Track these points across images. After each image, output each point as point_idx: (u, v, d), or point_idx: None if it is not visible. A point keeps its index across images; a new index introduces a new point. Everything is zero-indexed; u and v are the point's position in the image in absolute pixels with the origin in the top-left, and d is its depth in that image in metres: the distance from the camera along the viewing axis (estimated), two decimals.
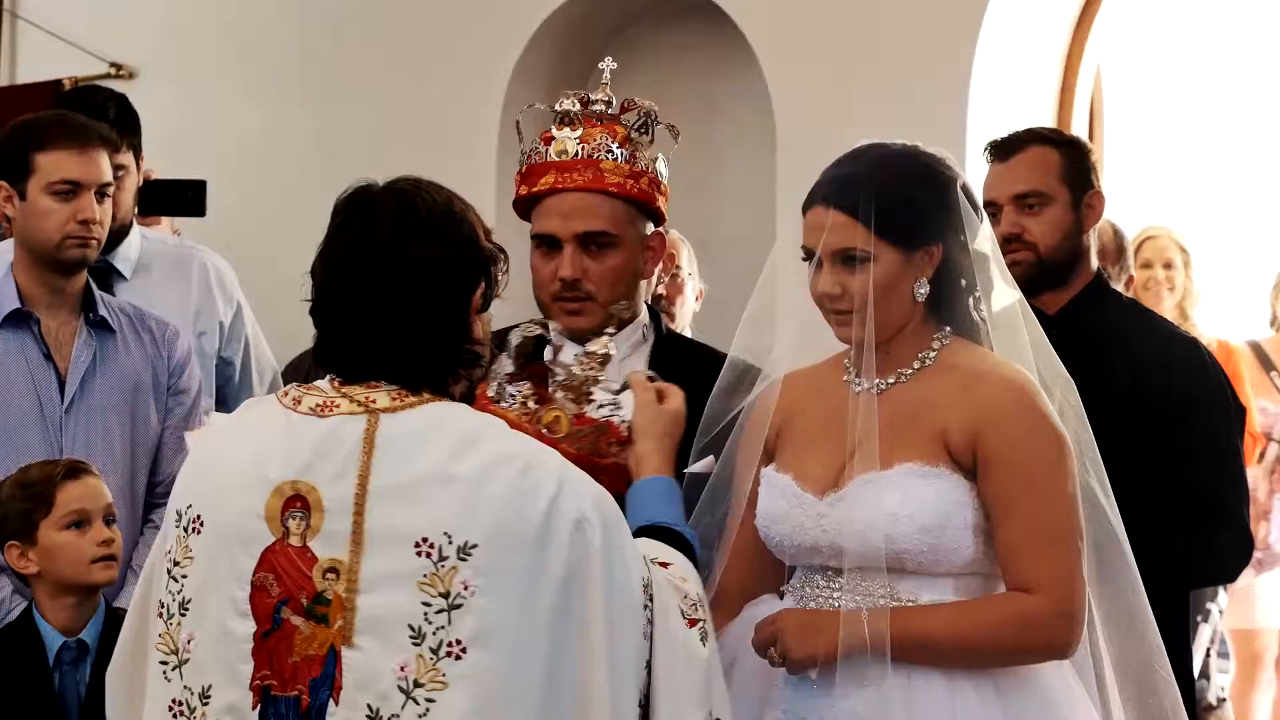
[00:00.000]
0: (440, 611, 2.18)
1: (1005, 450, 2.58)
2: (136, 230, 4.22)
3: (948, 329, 2.70)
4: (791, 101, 5.62)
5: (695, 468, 2.74)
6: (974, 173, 4.16)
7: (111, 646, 3.21)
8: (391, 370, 2.28)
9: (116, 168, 3.99)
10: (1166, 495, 3.35)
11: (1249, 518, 3.45)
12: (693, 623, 2.34)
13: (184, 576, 2.30)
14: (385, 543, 2.20)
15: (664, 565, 2.38)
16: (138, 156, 4.12)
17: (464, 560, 2.18)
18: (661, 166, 3.01)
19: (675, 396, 2.60)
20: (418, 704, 2.18)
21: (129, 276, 4.15)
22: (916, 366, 2.68)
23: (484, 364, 2.36)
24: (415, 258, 2.28)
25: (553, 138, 2.97)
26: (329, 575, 2.21)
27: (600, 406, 2.62)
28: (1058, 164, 3.51)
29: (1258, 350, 6.03)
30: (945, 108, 5.27)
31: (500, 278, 2.36)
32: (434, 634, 2.18)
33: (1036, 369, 2.72)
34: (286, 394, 2.32)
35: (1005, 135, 3.60)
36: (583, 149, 2.94)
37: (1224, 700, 5.73)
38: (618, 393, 2.63)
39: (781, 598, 2.70)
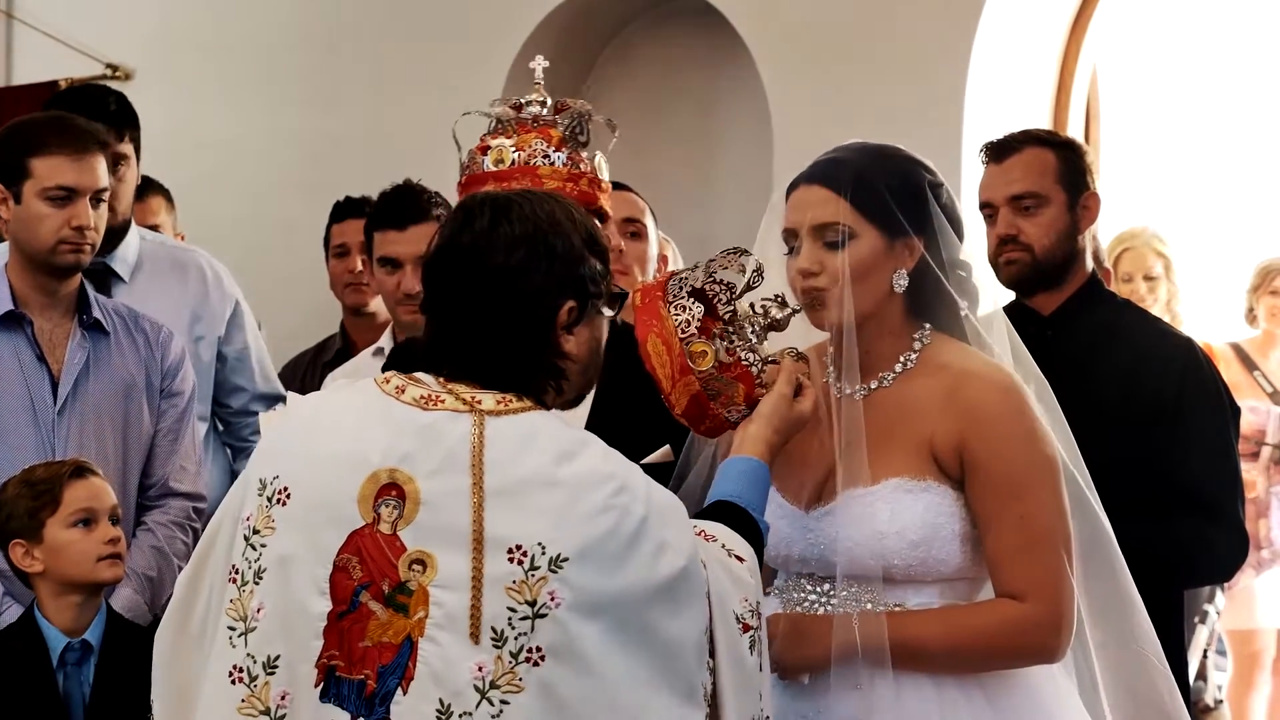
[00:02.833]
0: (525, 619, 2.19)
1: (992, 456, 2.58)
2: (135, 231, 4.22)
3: (927, 326, 2.69)
4: (787, 102, 5.62)
5: (651, 458, 2.74)
6: (970, 174, 4.16)
7: (114, 647, 3.26)
8: (481, 373, 2.31)
9: (117, 157, 4.00)
10: (1161, 495, 3.36)
11: (1244, 517, 3.45)
12: (746, 628, 2.35)
13: (263, 545, 2.30)
14: (480, 543, 2.22)
15: (739, 560, 2.39)
16: (137, 151, 4.12)
17: (554, 572, 2.19)
18: (601, 164, 3.00)
19: (807, 400, 2.59)
20: (492, 705, 2.19)
21: (127, 278, 4.14)
22: (898, 369, 2.67)
23: (568, 380, 2.36)
24: (496, 265, 2.30)
25: (488, 147, 2.96)
26: (415, 567, 2.22)
27: (743, 364, 2.61)
28: (1053, 165, 3.51)
29: (1239, 351, 6.04)
30: (941, 108, 5.27)
31: (599, 296, 2.37)
32: (515, 639, 2.19)
33: (1015, 360, 2.72)
34: (388, 381, 2.34)
35: (1001, 137, 3.60)
36: (519, 156, 2.93)
37: (1221, 701, 5.73)
38: (765, 363, 2.61)
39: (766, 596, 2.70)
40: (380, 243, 4.16)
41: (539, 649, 2.19)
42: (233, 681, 2.29)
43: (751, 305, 2.64)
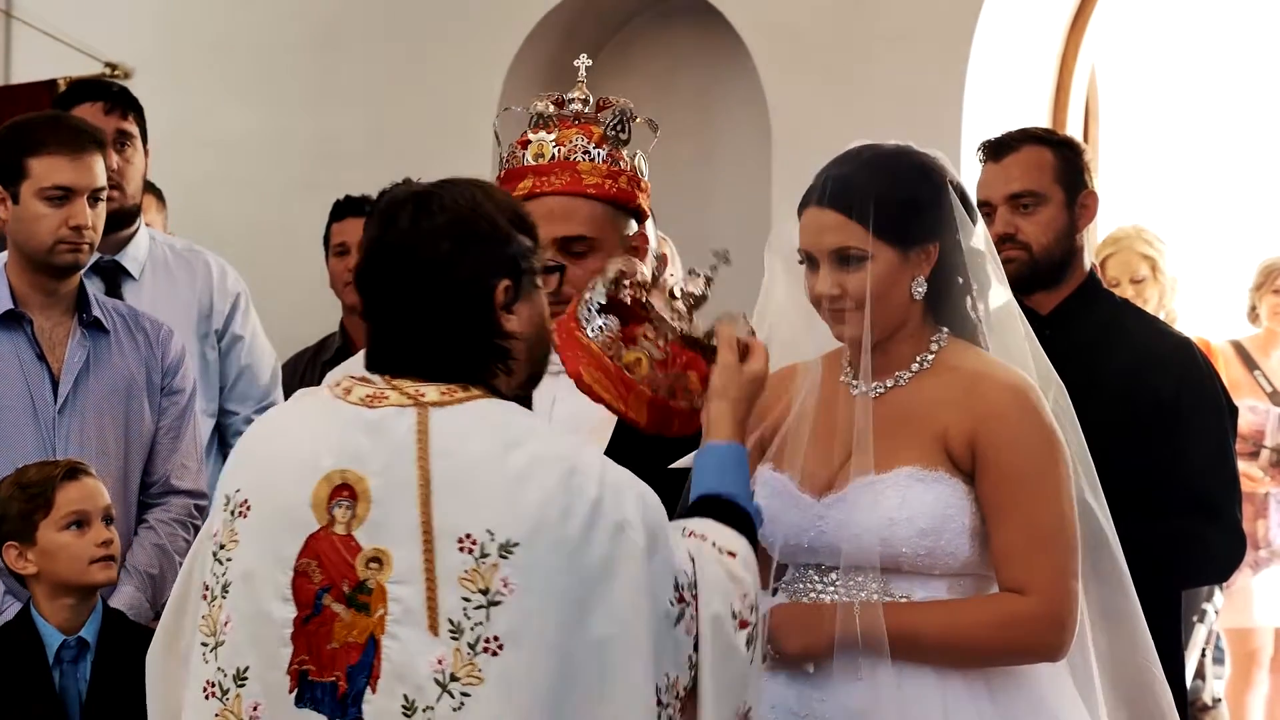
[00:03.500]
0: (479, 608, 2.19)
1: (1003, 452, 2.59)
2: (144, 230, 4.23)
3: (945, 330, 2.71)
4: (786, 101, 5.62)
5: (680, 463, 2.73)
6: (968, 172, 4.16)
7: (110, 644, 3.26)
8: (426, 367, 2.31)
9: (123, 135, 4.00)
10: (1159, 495, 3.36)
11: (1241, 518, 3.46)
12: (743, 624, 2.34)
13: (229, 559, 2.31)
14: (428, 535, 2.22)
15: (731, 555, 2.38)
16: (144, 137, 4.13)
17: (505, 558, 2.19)
18: (641, 163, 3.00)
19: (757, 358, 2.56)
20: (453, 697, 2.19)
21: (137, 276, 4.15)
22: (915, 369, 2.68)
23: (515, 359, 2.36)
24: (425, 258, 2.31)
25: (529, 141, 2.96)
26: (372, 565, 2.23)
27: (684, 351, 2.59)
28: (1051, 164, 3.51)
29: (1240, 349, 6.04)
30: (941, 107, 5.27)
31: (532, 271, 2.37)
32: (472, 629, 2.19)
33: (1035, 371, 2.73)
34: (338, 384, 2.35)
35: (999, 135, 3.61)
36: (559, 151, 2.93)
37: (1219, 700, 5.74)
38: (709, 339, 2.58)
39: (774, 594, 2.71)
40: None
41: (496, 638, 2.19)
42: (206, 697, 2.30)
43: (671, 292, 2.62)
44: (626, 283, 2.61)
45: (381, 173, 4.61)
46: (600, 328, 2.59)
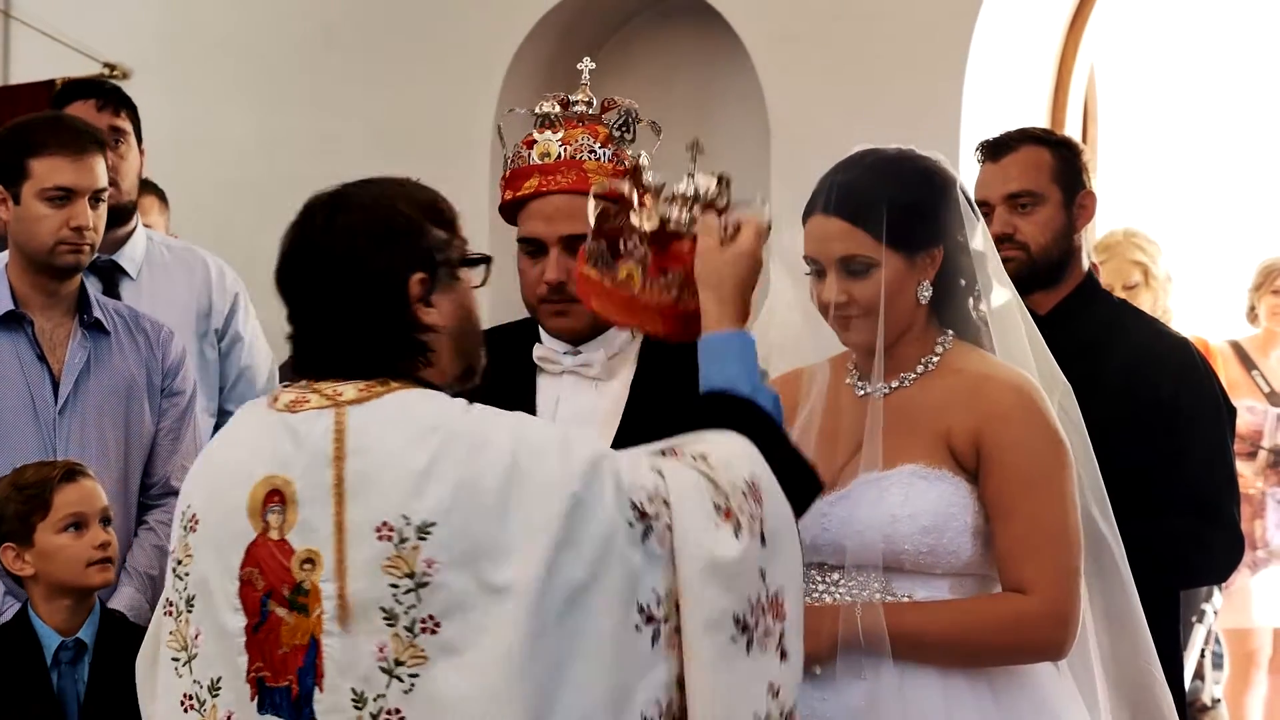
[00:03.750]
0: (409, 591, 2.20)
1: (1007, 451, 2.60)
2: (141, 230, 4.23)
3: (950, 332, 2.72)
4: (785, 101, 5.62)
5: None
6: (967, 172, 4.17)
7: (108, 645, 3.27)
8: (345, 366, 2.33)
9: (117, 131, 4.00)
10: (1157, 495, 3.36)
11: (1239, 518, 3.46)
12: (728, 514, 2.29)
13: (186, 574, 2.35)
14: (349, 530, 2.23)
15: (703, 457, 2.34)
16: (138, 135, 4.13)
17: (424, 539, 2.20)
18: (645, 164, 3.01)
19: (744, 234, 2.49)
20: (401, 681, 2.21)
21: (135, 275, 4.15)
22: (920, 371, 2.69)
23: (434, 352, 2.35)
24: (338, 257, 2.33)
25: (534, 141, 2.97)
26: (306, 566, 2.25)
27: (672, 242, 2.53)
28: (1050, 164, 3.51)
29: (1238, 349, 6.05)
30: (939, 107, 5.27)
31: (449, 264, 2.37)
32: (406, 613, 2.20)
33: (1037, 372, 2.73)
34: (272, 392, 2.38)
35: (997, 135, 3.61)
36: (565, 150, 2.93)
37: (1219, 701, 5.74)
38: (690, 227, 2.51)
39: None
40: None
41: (431, 617, 2.20)
42: (185, 710, 2.34)
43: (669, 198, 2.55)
44: (606, 205, 2.57)
45: (381, 172, 4.60)
46: (590, 251, 2.56)
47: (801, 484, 2.40)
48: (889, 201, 2.62)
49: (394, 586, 2.20)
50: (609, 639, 2.23)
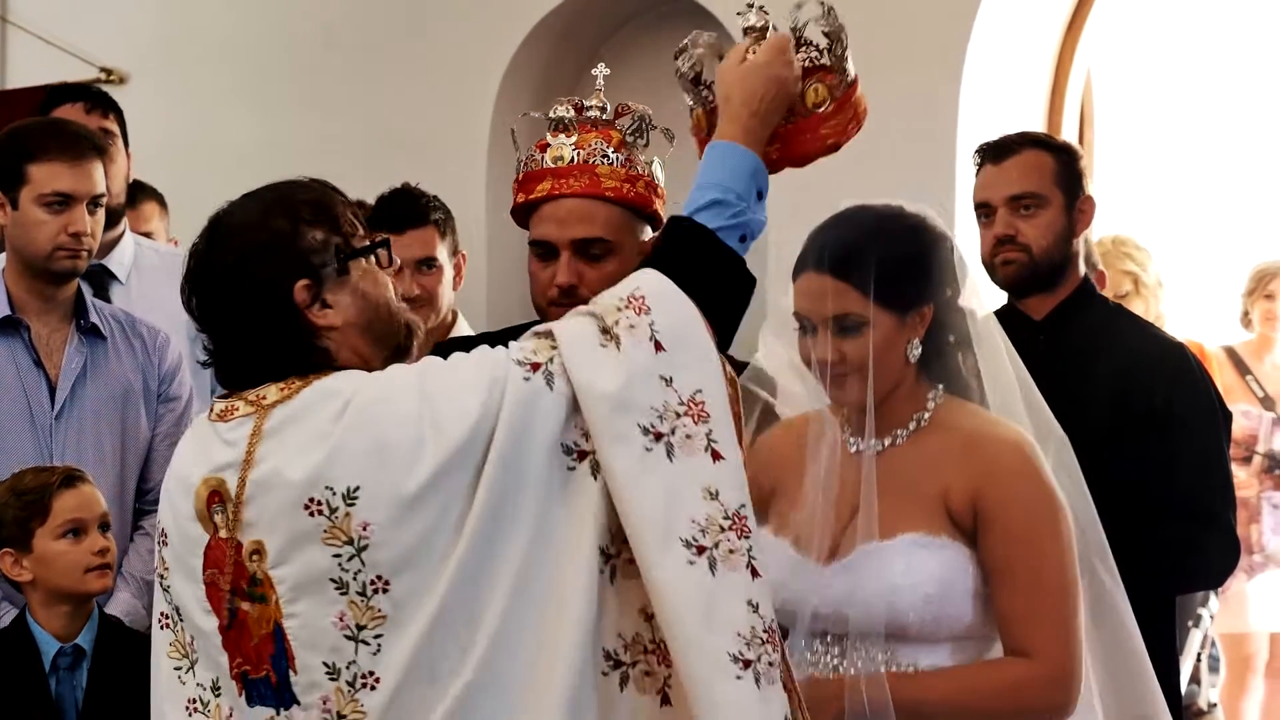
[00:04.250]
0: (351, 558, 2.24)
1: (1004, 512, 2.59)
2: (129, 235, 4.23)
3: (940, 387, 2.71)
4: None
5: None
6: (964, 178, 4.17)
7: (107, 651, 3.27)
8: (256, 376, 2.37)
9: (105, 135, 4.00)
10: (1153, 501, 3.36)
11: (1235, 522, 3.46)
12: (606, 333, 2.29)
13: (169, 586, 2.43)
14: (281, 515, 2.28)
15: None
16: (124, 138, 4.14)
17: (353, 504, 2.24)
18: (658, 170, 3.01)
19: (763, 49, 2.50)
20: (368, 644, 2.25)
21: (124, 280, 4.15)
22: (912, 427, 2.69)
23: (333, 351, 2.38)
24: (218, 276, 2.39)
25: (548, 145, 2.97)
26: (254, 557, 2.31)
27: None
28: (1052, 168, 3.52)
29: (1233, 355, 6.05)
30: (936, 112, 5.27)
31: (330, 262, 2.38)
32: (354, 579, 2.24)
33: (1031, 423, 2.72)
34: (210, 406, 2.44)
35: (998, 138, 3.61)
36: (578, 155, 2.94)
37: (1215, 705, 5.74)
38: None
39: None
40: None
41: (379, 577, 2.24)
42: (190, 714, 2.40)
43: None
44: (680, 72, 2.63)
45: (379, 176, 4.60)
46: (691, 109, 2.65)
47: (728, 283, 2.38)
48: (879, 260, 2.62)
49: (337, 556, 2.24)
50: (544, 489, 2.24)
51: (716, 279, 2.37)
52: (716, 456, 2.26)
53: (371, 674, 2.25)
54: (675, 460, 2.25)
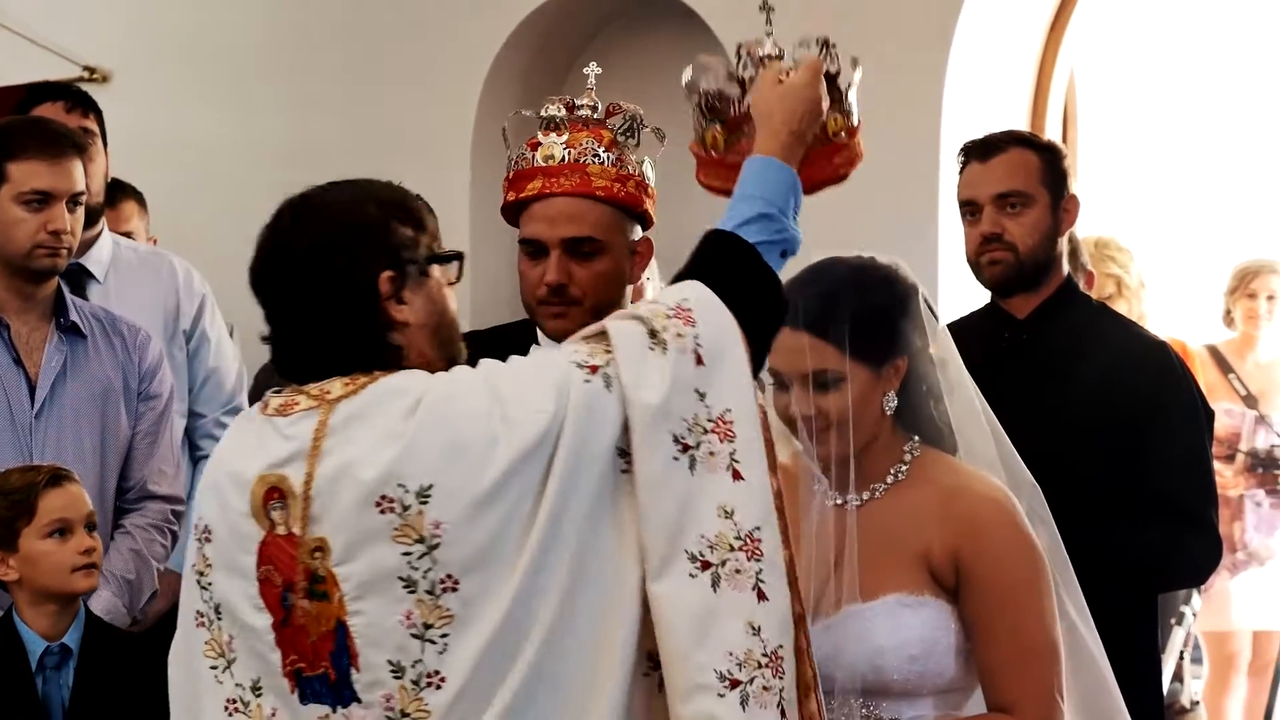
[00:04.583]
0: (422, 556, 2.23)
1: (985, 569, 2.59)
2: (108, 234, 4.22)
3: (916, 438, 2.71)
4: None
5: None
6: (947, 177, 4.17)
7: (93, 651, 3.26)
8: (326, 366, 2.35)
9: (86, 134, 4.00)
10: (1135, 500, 3.36)
11: (1218, 521, 3.46)
12: (654, 336, 2.30)
13: (209, 584, 2.39)
14: (349, 512, 2.26)
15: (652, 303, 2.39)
16: (104, 139, 4.13)
17: (425, 502, 2.23)
18: (648, 170, 3.01)
19: (799, 73, 2.57)
20: (434, 643, 2.24)
21: (101, 279, 4.14)
22: (890, 480, 2.68)
23: (406, 350, 2.38)
24: (302, 260, 2.35)
25: (539, 143, 2.97)
26: (317, 554, 2.28)
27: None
28: (1037, 167, 3.52)
29: (1215, 354, 6.06)
30: (919, 111, 5.27)
31: (418, 261, 2.39)
32: (424, 577, 2.23)
33: (1005, 472, 2.72)
34: (262, 401, 2.41)
35: (984, 136, 3.61)
36: (569, 153, 2.94)
37: (1197, 703, 5.74)
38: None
39: None
40: None
41: (449, 576, 2.23)
42: (229, 714, 2.37)
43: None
44: (701, 91, 2.66)
45: (361, 175, 4.58)
46: (696, 132, 2.68)
47: (768, 303, 2.40)
48: (854, 314, 2.62)
49: (407, 554, 2.23)
50: (601, 491, 2.26)
51: (757, 298, 2.40)
52: (737, 476, 2.28)
53: (437, 673, 2.24)
54: (695, 474, 2.27)
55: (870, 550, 2.61)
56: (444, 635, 2.23)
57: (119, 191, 4.88)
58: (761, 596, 2.26)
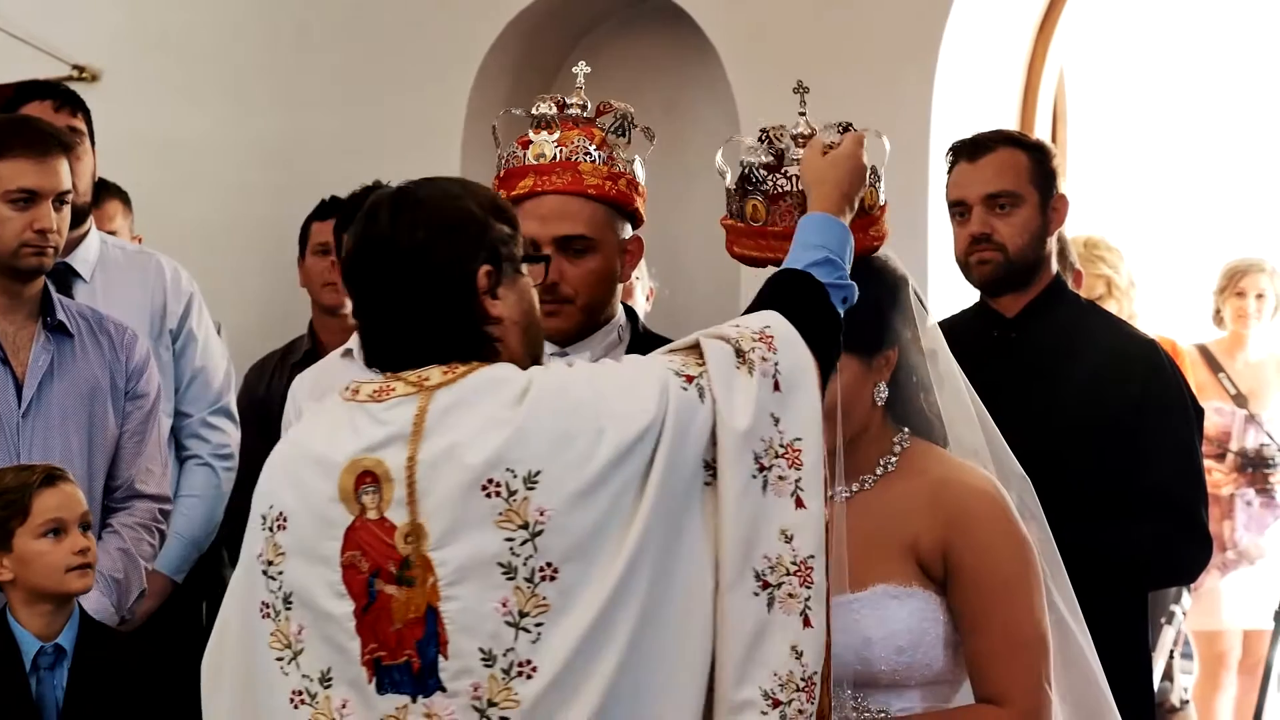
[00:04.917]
0: (524, 542, 2.24)
1: (974, 561, 2.59)
2: (95, 233, 4.21)
3: (905, 430, 2.71)
4: (755, 105, 5.61)
5: None
6: (937, 176, 4.16)
7: (87, 651, 3.27)
8: (419, 357, 2.36)
9: (74, 133, 4.00)
10: (1125, 498, 3.36)
11: (1207, 520, 3.46)
12: (742, 357, 2.36)
13: (279, 573, 2.37)
14: (452, 496, 2.27)
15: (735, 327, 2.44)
16: (91, 138, 4.12)
17: (532, 489, 2.25)
18: (639, 168, 3.01)
19: (845, 143, 2.63)
20: (529, 632, 2.24)
21: (88, 278, 4.14)
22: (879, 472, 2.69)
23: (503, 344, 2.40)
24: (404, 250, 2.37)
25: (530, 141, 2.98)
26: (409, 540, 2.28)
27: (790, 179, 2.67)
28: (1027, 166, 3.52)
29: (1205, 353, 6.07)
30: (909, 110, 5.27)
31: (514, 260, 2.42)
32: (524, 564, 2.24)
33: (994, 463, 2.72)
34: (346, 389, 2.41)
35: (973, 136, 3.61)
36: (560, 151, 2.95)
37: (1187, 702, 5.75)
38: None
39: None
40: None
41: (549, 564, 2.25)
42: (295, 706, 2.35)
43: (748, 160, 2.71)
44: (744, 162, 2.69)
45: (350, 175, 4.59)
46: (730, 204, 2.72)
47: (833, 342, 2.47)
48: (849, 308, 2.60)
49: (510, 540, 2.25)
50: (689, 495, 2.31)
51: (825, 336, 2.46)
52: (800, 504, 2.35)
53: (529, 662, 2.24)
54: (766, 495, 2.34)
55: (859, 540, 2.61)
56: (539, 624, 2.24)
57: (104, 191, 4.87)
58: (807, 623, 2.33)
